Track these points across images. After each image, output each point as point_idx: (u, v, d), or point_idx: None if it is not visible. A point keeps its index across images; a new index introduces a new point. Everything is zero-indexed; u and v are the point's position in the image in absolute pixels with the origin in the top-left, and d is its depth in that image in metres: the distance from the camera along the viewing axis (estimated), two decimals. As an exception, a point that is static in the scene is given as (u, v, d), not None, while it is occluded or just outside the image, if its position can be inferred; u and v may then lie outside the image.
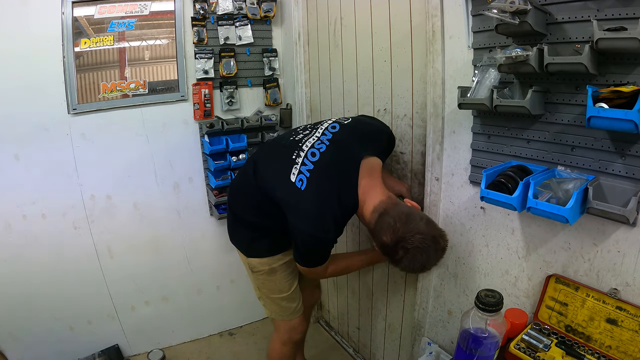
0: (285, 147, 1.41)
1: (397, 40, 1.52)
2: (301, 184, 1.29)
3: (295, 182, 1.30)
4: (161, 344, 2.30)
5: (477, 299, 0.88)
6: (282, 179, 1.33)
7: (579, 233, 1.04)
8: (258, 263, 1.53)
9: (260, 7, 2.07)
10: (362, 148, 1.37)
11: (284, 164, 1.35)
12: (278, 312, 1.65)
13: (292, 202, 1.30)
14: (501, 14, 0.97)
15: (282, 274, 1.56)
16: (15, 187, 1.81)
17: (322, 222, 1.28)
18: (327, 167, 1.32)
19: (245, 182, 1.51)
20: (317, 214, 1.28)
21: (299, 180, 1.29)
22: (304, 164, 1.32)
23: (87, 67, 1.83)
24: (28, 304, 1.94)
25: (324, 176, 1.30)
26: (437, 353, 1.50)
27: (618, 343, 0.97)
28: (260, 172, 1.44)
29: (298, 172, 1.31)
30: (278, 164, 1.39)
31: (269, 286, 1.59)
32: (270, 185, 1.38)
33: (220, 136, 2.07)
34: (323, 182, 1.30)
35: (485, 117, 1.20)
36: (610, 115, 0.83)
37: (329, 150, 1.35)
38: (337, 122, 1.45)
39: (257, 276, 1.57)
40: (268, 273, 1.54)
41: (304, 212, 1.29)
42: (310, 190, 1.28)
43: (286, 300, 1.61)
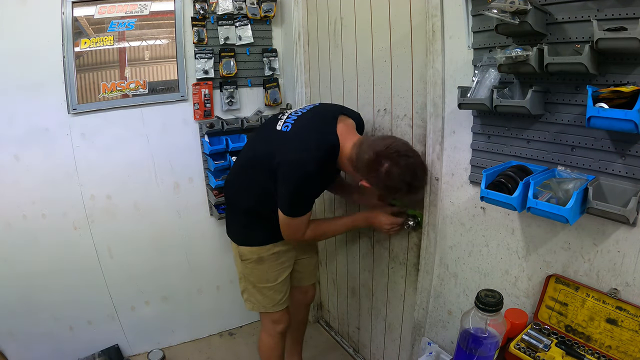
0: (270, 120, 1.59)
1: (397, 40, 1.52)
2: (286, 129, 1.44)
3: (281, 129, 1.45)
4: (161, 344, 2.30)
5: (477, 299, 0.88)
6: (269, 134, 1.49)
7: (579, 233, 1.04)
8: (248, 251, 1.61)
9: (260, 7, 2.07)
10: (338, 111, 1.54)
11: (269, 127, 1.52)
12: (262, 303, 1.69)
13: (280, 146, 1.41)
14: (501, 14, 0.97)
15: (270, 264, 1.62)
16: (15, 187, 1.81)
17: (312, 151, 1.37)
18: (308, 116, 1.49)
19: (238, 167, 1.64)
20: (301, 145, 1.38)
21: (285, 126, 1.45)
22: (288, 117, 1.49)
23: (87, 67, 1.83)
24: (28, 304, 1.94)
25: (306, 121, 1.46)
26: (437, 353, 1.50)
27: (618, 343, 0.97)
28: (251, 146, 1.62)
29: (283, 123, 1.47)
30: (264, 131, 1.57)
31: (256, 274, 1.64)
32: (260, 147, 1.52)
33: (220, 136, 2.08)
34: (306, 123, 1.45)
35: (485, 117, 1.20)
36: (610, 115, 0.83)
37: (310, 111, 1.53)
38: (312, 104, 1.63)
39: (246, 264, 1.63)
40: (256, 262, 1.61)
41: (290, 148, 1.39)
42: (294, 131, 1.43)
43: (272, 290, 1.66)
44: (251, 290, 1.68)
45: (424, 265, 1.52)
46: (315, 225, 1.55)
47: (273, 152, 1.40)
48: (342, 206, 2.06)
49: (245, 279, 1.68)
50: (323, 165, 1.39)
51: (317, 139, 1.40)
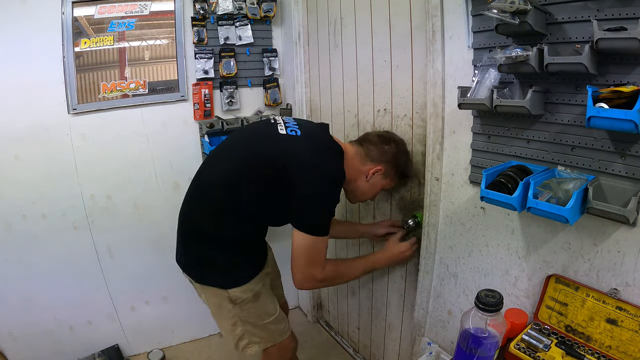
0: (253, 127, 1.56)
1: (397, 40, 1.52)
2: (295, 133, 1.31)
3: (288, 132, 1.31)
4: (161, 344, 2.30)
5: (477, 299, 0.88)
6: (272, 138, 1.30)
7: (579, 233, 1.04)
8: (241, 292, 1.36)
9: (260, 7, 2.07)
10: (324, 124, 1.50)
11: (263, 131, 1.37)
12: (269, 339, 1.47)
13: (292, 150, 1.26)
14: (501, 14, 0.97)
15: (266, 294, 1.44)
16: (15, 187, 1.81)
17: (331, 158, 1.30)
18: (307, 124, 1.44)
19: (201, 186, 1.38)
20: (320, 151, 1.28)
21: (292, 131, 1.31)
22: (286, 123, 1.37)
23: (87, 67, 1.83)
24: (28, 303, 1.94)
25: (309, 127, 1.41)
26: (437, 353, 1.50)
27: (618, 343, 0.97)
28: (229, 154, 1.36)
29: (286, 127, 1.33)
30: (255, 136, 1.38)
31: (255, 313, 1.41)
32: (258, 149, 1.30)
33: (220, 136, 2.07)
34: (311, 130, 1.39)
35: (485, 117, 1.20)
36: (610, 115, 0.83)
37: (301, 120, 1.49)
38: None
39: (242, 307, 1.38)
40: (253, 300, 1.38)
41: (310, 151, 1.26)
42: (305, 135, 1.32)
43: (274, 323, 1.46)
44: (252, 331, 1.43)
45: (424, 265, 1.52)
46: (334, 262, 1.38)
47: (286, 153, 1.24)
48: (340, 208, 2.06)
49: (242, 323, 1.42)
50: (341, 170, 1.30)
51: (330, 144, 1.34)
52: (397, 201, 1.70)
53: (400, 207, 1.70)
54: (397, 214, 1.72)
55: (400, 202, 1.69)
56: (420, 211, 1.53)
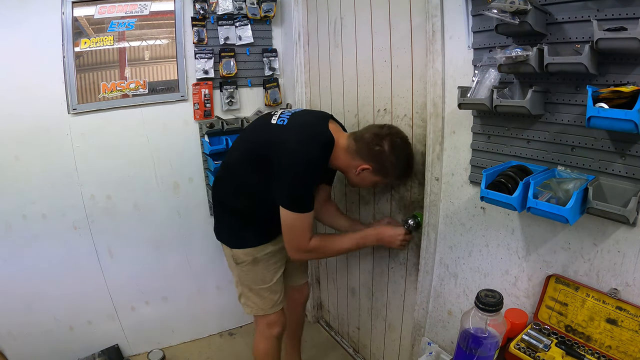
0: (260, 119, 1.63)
1: (397, 40, 1.52)
2: (282, 122, 1.45)
3: (277, 122, 1.46)
4: (161, 344, 2.30)
5: (477, 299, 0.88)
6: (264, 128, 1.50)
7: (579, 233, 1.04)
8: (242, 254, 1.59)
9: (260, 7, 2.07)
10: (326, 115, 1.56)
11: (262, 123, 1.54)
12: (260, 305, 1.66)
13: (277, 137, 1.42)
14: (501, 14, 0.97)
15: (265, 264, 1.61)
16: (15, 187, 1.81)
17: (311, 141, 1.39)
18: (302, 114, 1.53)
19: (227, 165, 1.62)
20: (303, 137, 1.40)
21: (281, 120, 1.46)
22: (282, 113, 1.51)
23: (87, 67, 1.83)
24: (28, 303, 1.94)
25: (301, 117, 1.50)
26: (437, 353, 1.50)
27: (618, 343, 0.97)
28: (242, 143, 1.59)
29: (278, 117, 1.48)
30: (256, 127, 1.59)
31: (252, 277, 1.63)
32: (254, 140, 1.51)
33: (220, 136, 2.07)
34: (302, 119, 1.48)
35: (485, 117, 1.20)
36: (610, 115, 0.83)
37: (302, 111, 1.59)
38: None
39: (241, 267, 1.62)
40: (251, 263, 1.59)
41: (290, 138, 1.40)
42: (293, 123, 1.45)
43: (268, 291, 1.65)
44: (248, 294, 1.66)
45: (424, 265, 1.52)
46: (322, 236, 1.54)
47: (269, 141, 1.43)
48: (340, 207, 2.06)
49: (241, 283, 1.66)
50: (324, 154, 1.43)
51: (315, 131, 1.44)
52: (397, 201, 1.71)
53: (400, 207, 1.70)
54: (397, 214, 1.72)
55: (400, 202, 1.69)
56: (420, 211, 1.53)
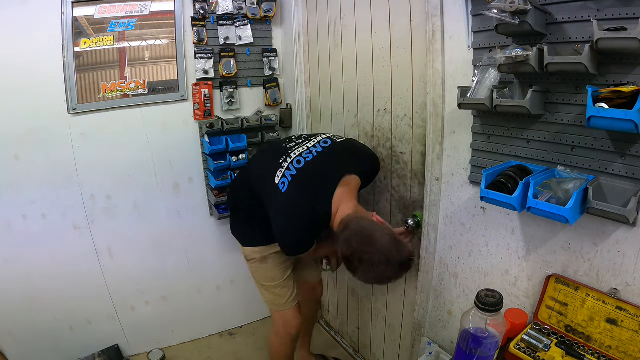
0: (276, 152, 1.56)
1: (397, 40, 1.52)
2: (283, 187, 1.42)
3: (278, 184, 1.43)
4: (161, 344, 2.30)
5: (477, 299, 0.88)
6: (268, 180, 1.46)
7: (579, 233, 1.04)
8: (251, 251, 1.65)
9: (260, 7, 2.07)
10: (346, 165, 1.47)
11: (272, 167, 1.48)
12: (272, 301, 1.72)
13: (273, 201, 1.45)
14: (501, 14, 0.97)
15: (274, 262, 1.65)
16: (15, 187, 1.81)
17: (293, 226, 1.41)
18: (308, 175, 1.43)
19: (243, 178, 1.71)
20: (287, 220, 1.42)
21: (282, 183, 1.42)
22: (288, 169, 1.44)
23: (87, 67, 1.83)
24: (28, 304, 1.94)
25: (303, 183, 1.41)
26: (437, 353, 1.50)
27: (618, 343, 0.97)
28: (252, 173, 1.64)
29: (282, 176, 1.43)
30: (266, 166, 1.53)
31: (261, 274, 1.69)
32: (258, 186, 1.53)
33: (220, 136, 2.07)
34: (301, 187, 1.41)
35: (485, 117, 1.20)
36: (610, 115, 0.83)
37: (314, 161, 1.46)
38: (330, 138, 1.57)
39: (251, 264, 1.69)
40: (260, 261, 1.65)
41: (280, 212, 1.43)
42: (288, 194, 1.40)
43: (279, 287, 1.69)
44: (260, 289, 1.74)
45: (424, 265, 1.52)
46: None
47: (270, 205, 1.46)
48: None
49: (254, 278, 1.74)
50: (312, 232, 1.44)
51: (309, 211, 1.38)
52: (397, 201, 1.71)
53: (400, 207, 1.70)
54: (397, 214, 1.72)
55: (400, 202, 1.69)
56: (420, 211, 1.53)
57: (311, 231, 1.44)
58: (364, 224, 1.29)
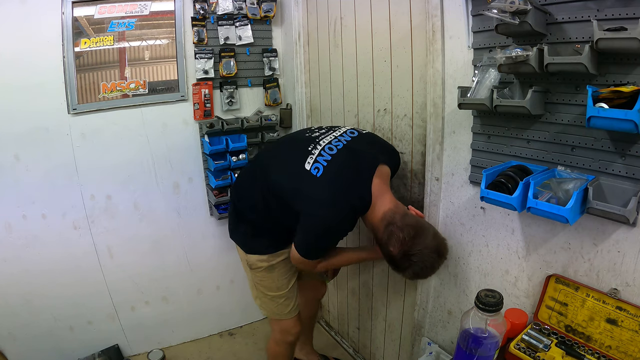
0: (300, 141, 1.44)
1: (397, 40, 1.52)
2: (317, 172, 1.30)
3: (311, 170, 1.31)
4: (161, 344, 2.30)
5: (477, 299, 0.88)
6: (295, 168, 1.34)
7: (579, 233, 1.04)
8: (257, 260, 1.54)
9: (260, 7, 2.07)
10: (378, 154, 1.41)
11: (298, 155, 1.36)
12: (274, 311, 1.66)
13: (306, 190, 1.31)
14: (501, 14, 0.97)
15: (281, 270, 1.57)
16: (15, 187, 1.81)
17: (339, 208, 1.28)
18: (344, 160, 1.34)
19: (251, 180, 1.53)
20: (333, 200, 1.28)
21: (315, 169, 1.31)
22: (321, 154, 1.34)
23: (87, 67, 1.83)
24: (28, 304, 1.94)
25: (341, 167, 1.32)
26: (437, 353, 1.50)
27: (618, 343, 0.97)
28: (270, 167, 1.45)
29: (314, 162, 1.32)
30: (290, 155, 1.41)
31: (267, 284, 1.59)
32: (283, 179, 1.38)
33: (220, 136, 2.07)
34: (341, 170, 1.31)
35: (485, 117, 1.20)
36: (610, 115, 0.83)
37: (347, 149, 1.37)
38: (355, 129, 1.49)
39: (256, 273, 1.58)
40: (267, 270, 1.55)
41: (318, 199, 1.29)
42: (326, 177, 1.29)
43: (284, 298, 1.62)
44: (263, 299, 1.65)
45: (424, 265, 1.52)
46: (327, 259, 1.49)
47: (298, 194, 1.32)
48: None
49: (256, 288, 1.65)
50: (349, 221, 1.35)
51: (349, 195, 1.30)
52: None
53: (400, 207, 1.70)
54: (397, 214, 1.72)
55: (400, 202, 1.69)
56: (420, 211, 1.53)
57: (347, 221, 1.33)
58: (409, 221, 1.28)
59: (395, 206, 1.33)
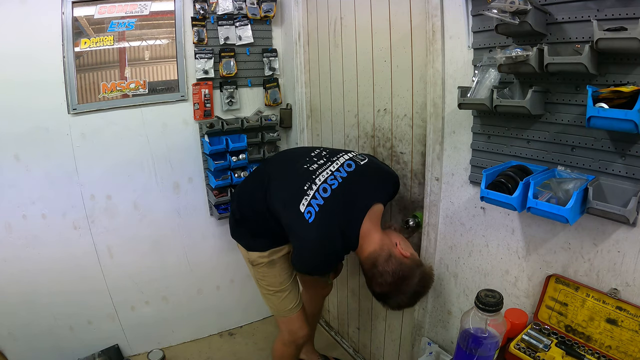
0: (298, 176, 1.44)
1: (397, 40, 1.52)
2: (309, 216, 1.33)
3: (304, 213, 1.34)
4: (161, 344, 2.30)
5: (477, 299, 0.88)
6: (292, 206, 1.37)
7: (579, 233, 1.04)
8: (258, 256, 1.59)
9: (260, 7, 2.07)
10: (372, 193, 1.42)
11: (295, 193, 1.39)
12: (279, 308, 1.69)
13: (298, 231, 1.37)
14: (501, 14, 0.97)
15: (282, 266, 1.62)
16: (15, 187, 1.81)
17: (325, 250, 1.37)
18: (336, 205, 1.36)
19: (253, 191, 1.57)
20: (320, 244, 1.36)
21: (307, 212, 1.34)
22: (315, 197, 1.36)
23: (87, 67, 1.83)
24: (28, 304, 1.94)
25: (332, 212, 1.35)
26: (437, 353, 1.50)
27: (618, 343, 0.97)
28: (271, 192, 1.48)
29: (307, 204, 1.35)
30: (289, 190, 1.43)
31: (269, 279, 1.63)
32: (279, 209, 1.43)
33: (220, 136, 2.07)
34: (330, 218, 1.35)
35: (485, 117, 1.20)
36: (610, 115, 0.83)
37: (341, 189, 1.38)
38: (353, 160, 1.48)
39: (257, 269, 1.63)
40: (268, 265, 1.60)
41: (308, 239, 1.36)
42: (316, 224, 1.33)
43: (287, 292, 1.66)
44: (266, 295, 1.69)
45: (424, 265, 1.52)
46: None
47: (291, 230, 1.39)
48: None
49: (259, 284, 1.69)
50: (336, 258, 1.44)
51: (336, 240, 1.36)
52: (397, 201, 1.70)
53: (400, 207, 1.70)
54: (397, 214, 1.72)
55: (400, 202, 1.69)
56: (420, 211, 1.53)
57: (336, 258, 1.44)
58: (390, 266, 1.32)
59: (380, 248, 1.35)
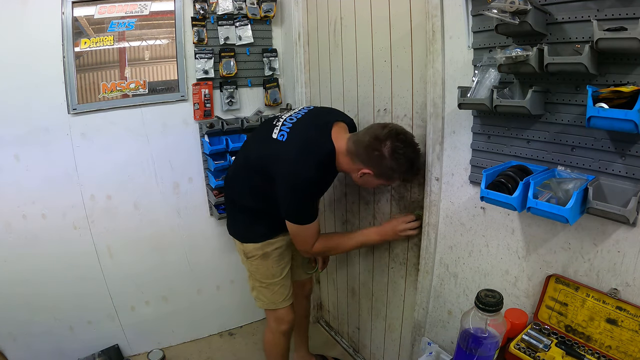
0: (267, 122, 1.60)
1: (397, 40, 1.52)
2: (282, 137, 1.46)
3: (277, 137, 1.47)
4: (161, 344, 2.30)
5: (477, 299, 0.88)
6: (265, 141, 1.50)
7: (579, 233, 1.04)
8: (253, 248, 1.64)
9: (260, 7, 2.07)
10: (334, 117, 1.56)
11: (266, 131, 1.53)
12: (270, 299, 1.73)
13: (275, 154, 1.45)
14: (501, 14, 0.97)
15: (275, 258, 1.67)
16: (15, 187, 1.81)
17: (306, 161, 1.41)
18: (304, 123, 1.50)
19: (237, 168, 1.66)
20: (299, 156, 1.42)
21: (280, 135, 1.47)
22: (284, 124, 1.50)
23: (87, 67, 1.83)
24: (28, 304, 1.94)
25: (302, 128, 1.48)
26: (437, 353, 1.50)
27: (618, 343, 0.97)
28: (246, 150, 1.65)
29: (279, 131, 1.49)
30: (261, 134, 1.58)
31: (263, 271, 1.68)
32: (257, 152, 1.54)
33: (220, 136, 2.08)
34: (302, 132, 1.47)
35: (485, 117, 1.20)
36: (610, 115, 0.83)
37: (306, 115, 1.55)
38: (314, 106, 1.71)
39: (252, 262, 1.67)
40: (262, 257, 1.65)
41: (286, 158, 1.42)
42: (290, 140, 1.45)
43: (278, 285, 1.71)
44: (259, 288, 1.73)
45: (424, 265, 1.52)
46: (325, 238, 1.60)
47: (269, 161, 1.46)
48: (341, 207, 2.06)
49: (252, 277, 1.73)
50: (320, 171, 1.45)
51: (313, 148, 1.44)
52: (397, 201, 1.71)
53: (400, 207, 1.70)
54: (397, 214, 1.72)
55: (400, 202, 1.69)
56: (420, 211, 1.53)
57: (319, 171, 1.43)
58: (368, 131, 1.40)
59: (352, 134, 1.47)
